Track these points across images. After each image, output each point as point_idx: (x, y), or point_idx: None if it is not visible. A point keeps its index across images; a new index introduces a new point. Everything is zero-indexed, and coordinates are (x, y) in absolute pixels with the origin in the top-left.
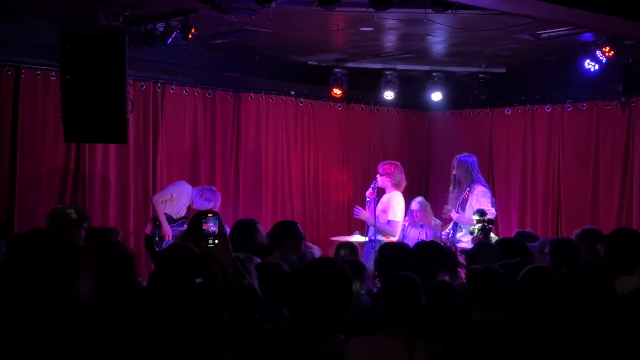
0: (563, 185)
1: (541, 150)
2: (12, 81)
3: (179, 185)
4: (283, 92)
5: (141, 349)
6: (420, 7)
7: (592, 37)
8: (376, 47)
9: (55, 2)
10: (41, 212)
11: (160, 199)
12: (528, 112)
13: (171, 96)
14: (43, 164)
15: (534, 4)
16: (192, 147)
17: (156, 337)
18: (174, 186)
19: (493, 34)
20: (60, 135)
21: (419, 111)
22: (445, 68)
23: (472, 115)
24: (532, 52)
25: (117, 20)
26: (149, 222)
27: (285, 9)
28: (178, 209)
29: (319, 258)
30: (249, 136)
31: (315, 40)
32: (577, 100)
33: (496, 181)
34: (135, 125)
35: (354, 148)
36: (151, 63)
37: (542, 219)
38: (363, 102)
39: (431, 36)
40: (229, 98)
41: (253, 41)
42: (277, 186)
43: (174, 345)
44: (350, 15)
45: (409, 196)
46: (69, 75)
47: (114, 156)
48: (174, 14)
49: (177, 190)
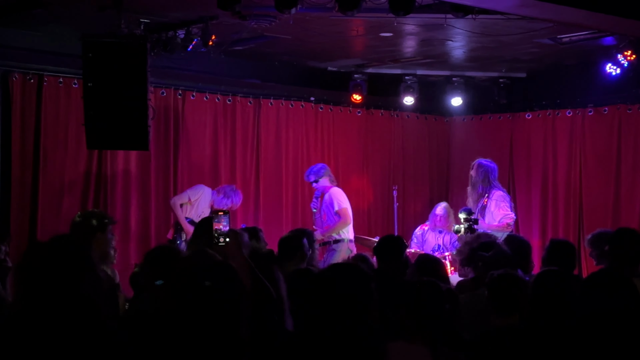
0: (585, 190)
1: (562, 154)
2: (35, 89)
3: (198, 188)
4: (303, 98)
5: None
6: (440, 12)
7: (613, 41)
8: (396, 53)
9: (77, 10)
10: (64, 218)
11: (179, 201)
12: (549, 116)
13: (192, 103)
14: (65, 170)
15: (555, 8)
16: (213, 153)
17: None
18: (192, 189)
19: (513, 38)
20: (83, 142)
21: (438, 116)
22: (465, 73)
23: (492, 120)
24: (552, 56)
25: (138, 28)
26: (171, 227)
27: (305, 15)
28: (199, 212)
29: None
30: (269, 142)
31: (335, 46)
32: (599, 105)
33: (517, 186)
34: (156, 131)
35: (373, 153)
36: (172, 70)
37: (564, 224)
38: (383, 108)
39: (451, 41)
40: (249, 104)
41: (273, 47)
42: (297, 192)
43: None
44: (370, 20)
45: (430, 202)
46: (92, 83)
47: (136, 163)
48: (194, 21)
49: (196, 193)
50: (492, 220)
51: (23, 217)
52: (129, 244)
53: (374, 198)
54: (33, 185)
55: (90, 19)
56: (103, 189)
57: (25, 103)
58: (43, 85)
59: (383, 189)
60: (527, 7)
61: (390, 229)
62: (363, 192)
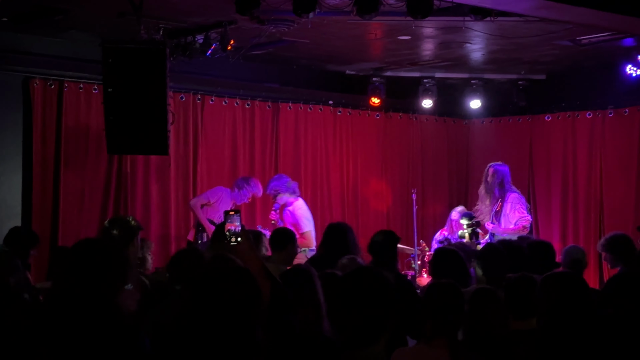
0: (605, 192)
1: (582, 156)
2: (56, 95)
3: (217, 190)
4: (321, 102)
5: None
6: (459, 15)
7: (633, 42)
8: (414, 56)
9: (97, 16)
10: (84, 222)
11: (198, 203)
12: (568, 118)
13: (211, 107)
14: (86, 175)
15: (573, 10)
16: (232, 157)
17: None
18: (212, 191)
19: (532, 40)
20: (103, 147)
21: (457, 119)
22: (483, 75)
23: (512, 123)
24: (572, 58)
25: (158, 34)
26: (192, 228)
27: (323, 19)
28: (219, 214)
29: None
30: (287, 146)
31: (353, 49)
32: (619, 106)
33: (537, 188)
34: (175, 136)
35: (392, 157)
36: (191, 75)
37: (584, 226)
38: (401, 111)
39: (470, 44)
40: (267, 108)
41: (291, 51)
42: (316, 195)
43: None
44: (388, 24)
45: (449, 206)
46: (112, 88)
47: (155, 167)
48: (213, 26)
49: (215, 195)
50: (508, 223)
51: (44, 221)
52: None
53: (393, 201)
54: (54, 190)
55: (110, 25)
56: (123, 194)
57: (46, 109)
58: (64, 91)
59: (402, 193)
60: (546, 8)
61: (409, 232)
62: (382, 195)
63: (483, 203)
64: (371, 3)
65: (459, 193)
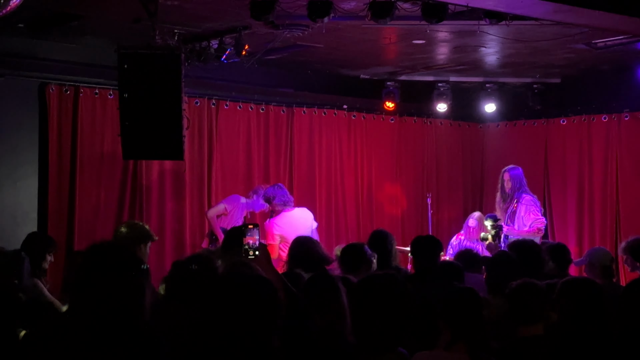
0: (621, 196)
1: (598, 160)
2: (72, 100)
3: (233, 199)
4: (335, 106)
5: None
6: (474, 19)
7: None
8: (428, 60)
9: (112, 22)
10: (100, 227)
11: (215, 213)
12: (584, 122)
13: (225, 112)
14: (102, 180)
15: (589, 13)
16: (247, 162)
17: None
18: (228, 200)
19: (547, 44)
20: (118, 152)
21: (472, 123)
22: (498, 79)
23: (527, 126)
24: (587, 62)
25: (173, 39)
26: (205, 237)
27: (338, 24)
28: (234, 222)
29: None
30: (302, 150)
31: (367, 54)
32: (635, 110)
33: (552, 192)
34: (190, 141)
35: (407, 161)
36: (206, 80)
37: (600, 230)
38: (416, 115)
39: (484, 47)
40: (282, 113)
41: (305, 56)
42: (331, 200)
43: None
44: (403, 28)
45: (464, 210)
46: (127, 94)
47: (170, 172)
48: (227, 31)
49: (231, 204)
50: (523, 225)
51: (60, 226)
52: (164, 254)
53: (408, 206)
54: (70, 195)
55: (125, 30)
56: (139, 199)
57: (61, 114)
58: (79, 96)
59: (417, 197)
60: (562, 12)
61: None
62: (397, 200)
63: (499, 206)
64: (386, 7)
65: (474, 197)
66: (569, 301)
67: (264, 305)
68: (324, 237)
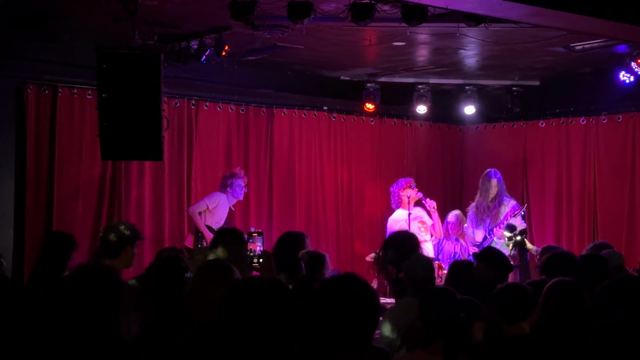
0: (599, 198)
1: (576, 163)
2: (50, 100)
3: (215, 196)
4: (316, 108)
5: None
6: (453, 22)
7: (627, 49)
8: (408, 62)
9: (91, 22)
10: (78, 228)
11: (197, 210)
12: (562, 124)
13: (205, 113)
14: (80, 181)
15: (567, 17)
16: (226, 162)
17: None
18: (210, 198)
19: (526, 46)
20: (97, 152)
21: (452, 125)
22: (478, 81)
23: (506, 129)
24: (566, 64)
25: (152, 39)
26: (189, 234)
27: (318, 25)
28: (217, 219)
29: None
30: (282, 151)
31: (348, 55)
32: (613, 112)
33: (531, 195)
34: (170, 142)
35: (386, 162)
36: (185, 80)
37: (578, 232)
38: (396, 117)
39: (464, 50)
40: (262, 114)
41: (285, 57)
42: (311, 201)
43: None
44: (383, 30)
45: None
46: (106, 94)
47: (149, 173)
48: (207, 31)
49: (213, 201)
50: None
51: (38, 227)
52: (142, 255)
53: (387, 207)
54: (48, 195)
55: (104, 30)
56: (117, 200)
57: (39, 114)
58: (57, 96)
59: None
60: (539, 15)
61: None
62: (376, 201)
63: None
64: (366, 9)
65: (454, 199)
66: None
67: (280, 309)
68: None
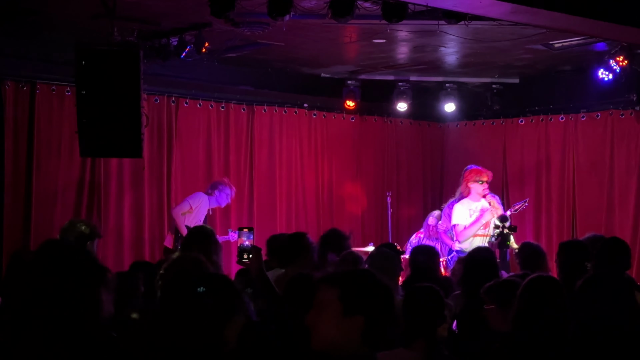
0: (578, 195)
1: (555, 160)
2: (28, 97)
3: (197, 196)
4: (296, 105)
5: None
6: (433, 19)
7: (605, 47)
8: (389, 59)
9: (70, 18)
10: (57, 225)
11: (180, 211)
12: (542, 122)
13: (185, 110)
14: (59, 178)
15: (546, 15)
16: (206, 160)
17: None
18: (192, 198)
19: (506, 44)
20: (76, 149)
21: (432, 122)
22: (458, 79)
23: (486, 126)
24: (545, 62)
25: (132, 36)
26: (168, 233)
27: (298, 22)
28: (197, 219)
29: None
30: (262, 149)
31: (328, 52)
32: (591, 110)
33: (510, 191)
34: (149, 139)
35: (367, 160)
36: (165, 77)
37: (557, 229)
38: (376, 114)
39: (444, 47)
40: (242, 111)
41: (266, 54)
42: (291, 198)
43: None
44: (363, 27)
45: (424, 209)
46: (85, 91)
47: (129, 170)
48: (187, 28)
49: (196, 201)
50: None
51: (16, 224)
52: (122, 251)
53: (368, 204)
54: (26, 192)
55: (84, 27)
56: (96, 196)
57: (18, 111)
58: (36, 93)
59: (377, 195)
60: (519, 13)
61: (384, 235)
62: (357, 198)
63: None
64: (346, 6)
65: (434, 196)
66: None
67: (213, 302)
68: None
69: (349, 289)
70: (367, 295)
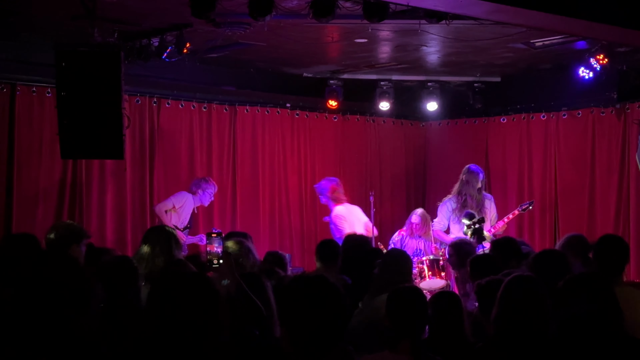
0: (560, 193)
1: (537, 158)
2: (8, 98)
3: (181, 195)
4: (279, 105)
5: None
6: (415, 18)
7: (586, 45)
8: (371, 58)
9: (50, 19)
10: (39, 228)
11: (163, 208)
12: (523, 120)
13: (167, 110)
14: (40, 180)
15: (526, 13)
16: (189, 161)
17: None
18: (176, 197)
19: (487, 43)
20: (57, 151)
21: (414, 121)
22: (440, 78)
23: (468, 125)
24: (526, 61)
25: (112, 36)
26: None
27: (280, 22)
28: (182, 219)
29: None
30: (245, 149)
31: (310, 52)
32: (573, 108)
33: (493, 189)
34: (131, 140)
35: (350, 159)
36: (147, 78)
37: (540, 226)
38: (359, 113)
39: (426, 46)
40: (224, 111)
41: (248, 54)
42: (275, 199)
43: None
44: (345, 27)
45: (407, 207)
46: (65, 92)
47: (111, 171)
48: (168, 28)
49: (180, 200)
50: (495, 219)
51: None
52: None
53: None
54: (7, 194)
55: (63, 27)
56: (78, 198)
57: None
58: (16, 94)
59: (360, 195)
60: (500, 12)
61: None
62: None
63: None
64: (327, 6)
65: (417, 195)
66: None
67: (199, 302)
68: (267, 236)
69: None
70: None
